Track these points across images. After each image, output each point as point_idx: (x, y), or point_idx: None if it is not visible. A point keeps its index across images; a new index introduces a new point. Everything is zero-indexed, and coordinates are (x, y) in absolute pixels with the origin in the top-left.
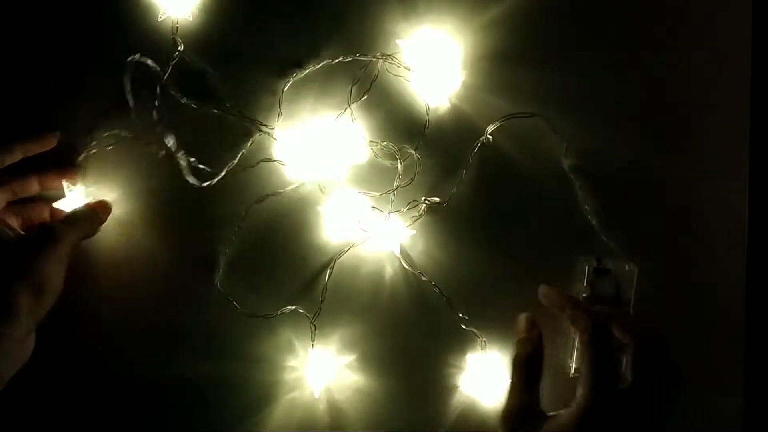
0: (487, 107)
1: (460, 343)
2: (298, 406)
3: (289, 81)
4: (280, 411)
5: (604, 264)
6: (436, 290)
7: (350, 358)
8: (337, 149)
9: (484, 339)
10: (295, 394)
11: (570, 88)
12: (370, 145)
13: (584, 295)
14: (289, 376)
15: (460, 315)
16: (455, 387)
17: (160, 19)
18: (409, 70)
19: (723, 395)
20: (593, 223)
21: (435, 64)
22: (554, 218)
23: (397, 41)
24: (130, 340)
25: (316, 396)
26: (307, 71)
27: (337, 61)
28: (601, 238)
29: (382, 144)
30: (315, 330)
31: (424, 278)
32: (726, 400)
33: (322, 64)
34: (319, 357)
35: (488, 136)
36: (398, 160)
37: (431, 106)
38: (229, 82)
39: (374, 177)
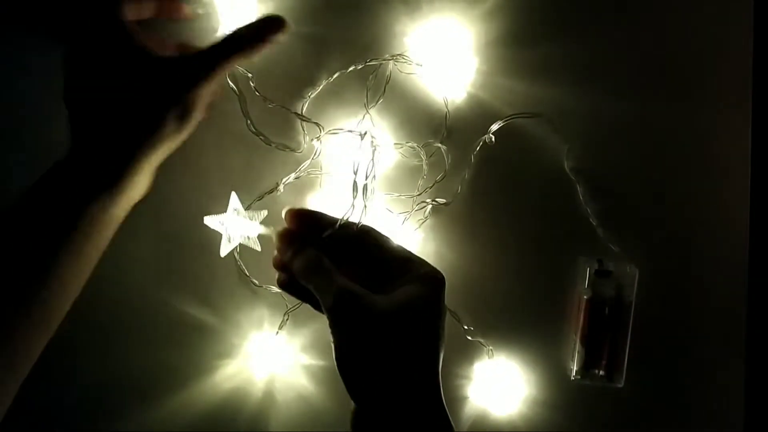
0: (504, 92)
1: (466, 352)
2: (240, 376)
3: (306, 100)
4: (225, 370)
5: (606, 266)
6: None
7: (316, 361)
8: (365, 157)
9: (490, 348)
10: (244, 364)
11: (571, 89)
12: (395, 147)
13: (585, 296)
14: (248, 346)
15: (466, 327)
16: (465, 398)
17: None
18: (420, 66)
19: (723, 395)
20: (594, 224)
21: (445, 55)
22: (555, 220)
23: (405, 39)
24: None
25: (257, 378)
26: (321, 86)
27: (350, 70)
28: (603, 239)
29: (407, 144)
30: (287, 319)
31: None
32: (726, 400)
33: (335, 76)
34: (274, 344)
35: (491, 135)
36: (423, 160)
37: (448, 98)
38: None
39: (403, 178)
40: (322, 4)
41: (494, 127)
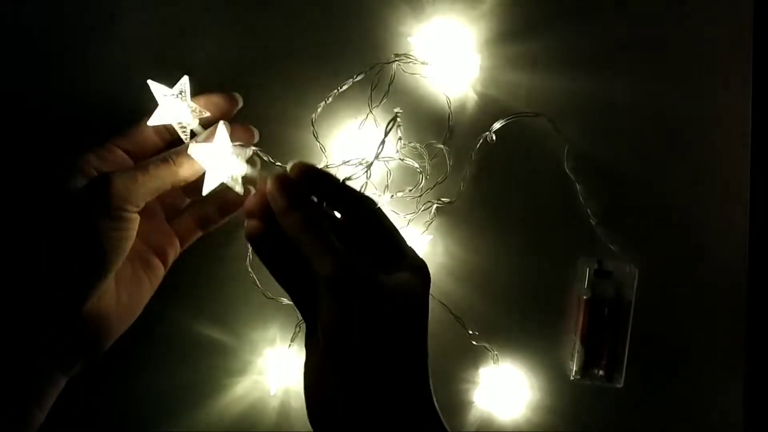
0: (506, 89)
1: (472, 358)
2: (256, 391)
3: (316, 111)
4: (240, 387)
5: (605, 266)
6: (446, 309)
7: None
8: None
9: (496, 352)
10: (260, 379)
11: (571, 89)
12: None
13: (585, 297)
14: (261, 363)
15: (470, 332)
16: (470, 402)
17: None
18: (425, 65)
19: (723, 395)
20: (594, 224)
21: (450, 54)
22: (555, 220)
23: (409, 39)
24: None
25: (271, 393)
26: (331, 97)
27: (358, 78)
28: (602, 239)
29: (409, 144)
30: (298, 331)
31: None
32: (726, 399)
33: (344, 88)
34: (287, 358)
35: (492, 134)
36: (425, 160)
37: (452, 97)
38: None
39: (405, 179)
40: (326, 8)
41: (496, 125)
